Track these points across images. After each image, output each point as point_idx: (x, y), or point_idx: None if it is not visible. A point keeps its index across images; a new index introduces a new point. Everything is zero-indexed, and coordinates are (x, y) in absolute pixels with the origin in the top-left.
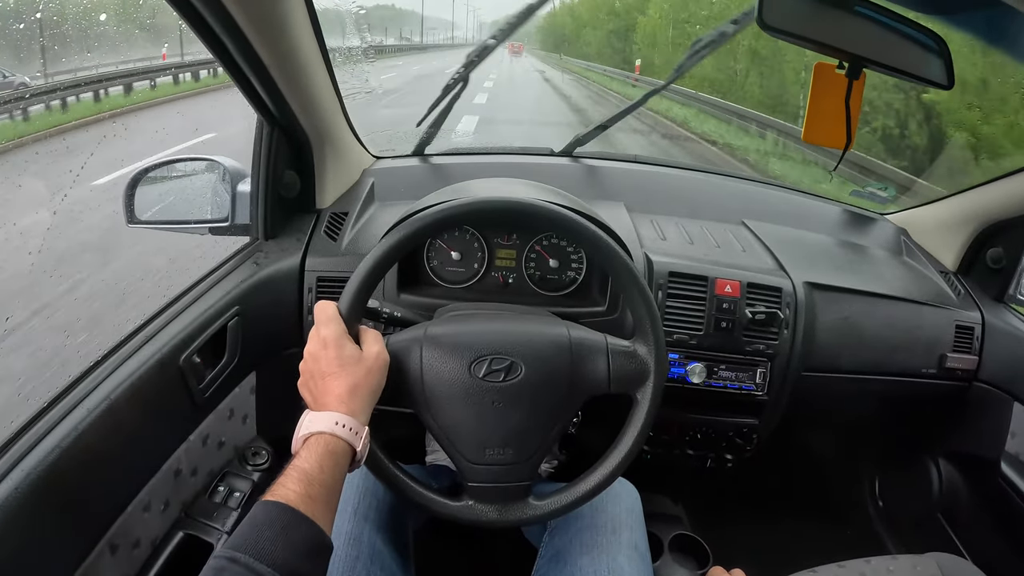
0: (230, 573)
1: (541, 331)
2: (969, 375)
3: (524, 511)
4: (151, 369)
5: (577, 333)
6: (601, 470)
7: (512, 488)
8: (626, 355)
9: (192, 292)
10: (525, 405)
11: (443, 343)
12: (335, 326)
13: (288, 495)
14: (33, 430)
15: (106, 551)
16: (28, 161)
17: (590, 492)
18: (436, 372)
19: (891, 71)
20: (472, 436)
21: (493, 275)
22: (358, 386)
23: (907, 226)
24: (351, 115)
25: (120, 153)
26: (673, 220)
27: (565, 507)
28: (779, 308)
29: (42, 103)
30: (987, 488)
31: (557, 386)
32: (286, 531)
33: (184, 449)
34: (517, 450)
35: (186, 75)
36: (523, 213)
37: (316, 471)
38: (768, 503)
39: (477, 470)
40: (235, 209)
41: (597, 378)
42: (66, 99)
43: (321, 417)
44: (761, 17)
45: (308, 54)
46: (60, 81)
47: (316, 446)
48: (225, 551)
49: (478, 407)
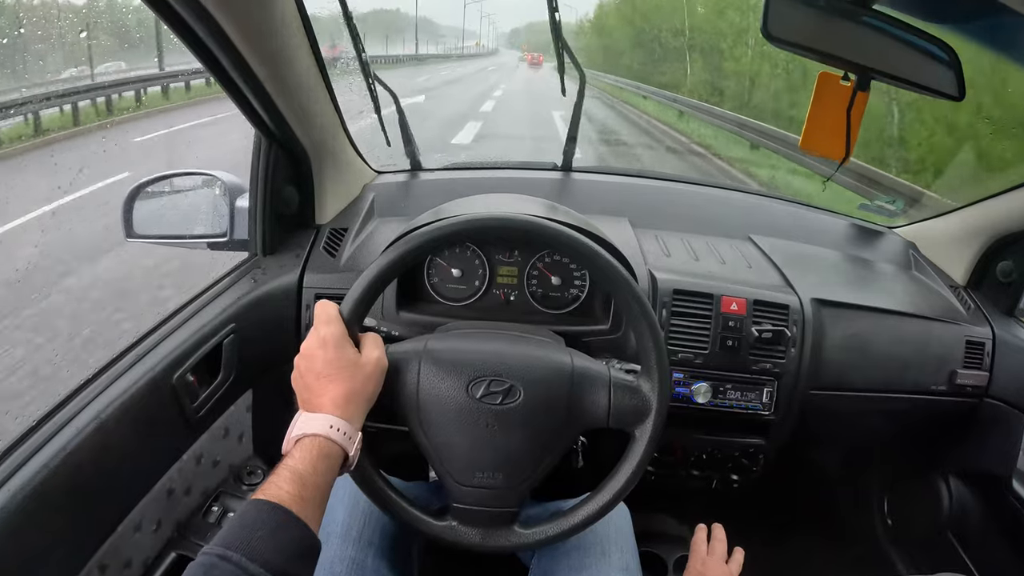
0: (221, 571)
1: (544, 356)
2: (980, 391)
3: (508, 538)
4: (143, 388)
5: (581, 362)
6: (591, 504)
7: (498, 513)
8: (629, 390)
9: (187, 309)
10: (520, 431)
11: (443, 359)
12: (336, 327)
13: (281, 495)
14: (20, 449)
15: (95, 571)
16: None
17: (579, 525)
18: (433, 388)
19: (901, 82)
20: (463, 457)
21: (494, 292)
22: (354, 392)
23: (916, 240)
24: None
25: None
26: (678, 235)
27: (549, 539)
28: (786, 326)
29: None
30: (998, 506)
31: (554, 414)
32: (278, 531)
33: (177, 468)
34: (507, 476)
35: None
36: (526, 231)
37: (309, 472)
38: (775, 522)
39: (464, 492)
40: (234, 225)
41: (597, 411)
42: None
43: (315, 419)
44: (766, 28)
45: (303, 68)
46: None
47: (310, 448)
48: (215, 548)
49: (472, 428)
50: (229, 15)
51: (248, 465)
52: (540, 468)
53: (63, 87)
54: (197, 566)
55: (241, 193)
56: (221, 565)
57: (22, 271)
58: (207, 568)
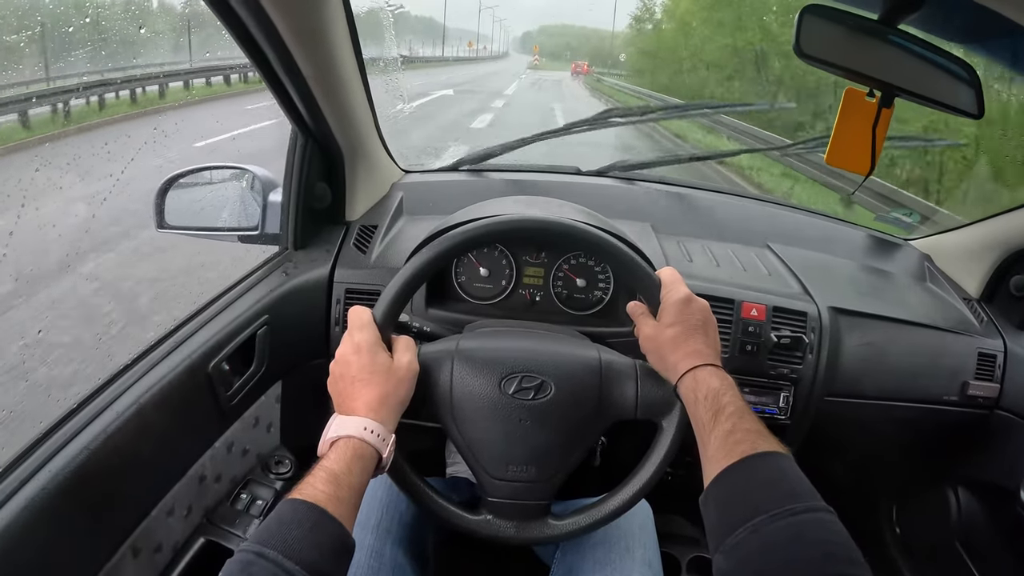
0: (258, 568)
1: (572, 352)
2: (991, 403)
3: (542, 530)
4: (180, 375)
5: (607, 356)
6: (622, 494)
7: (532, 506)
8: (655, 381)
9: (222, 300)
10: (552, 424)
11: (475, 358)
12: (369, 332)
13: (316, 495)
14: (62, 431)
15: (128, 554)
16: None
17: (609, 515)
18: (466, 386)
19: (923, 100)
20: (496, 452)
21: (520, 292)
22: (387, 395)
23: (931, 252)
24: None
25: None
26: (699, 242)
27: (583, 528)
28: (804, 332)
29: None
30: (1006, 518)
31: (585, 408)
32: (314, 530)
33: (209, 455)
34: (539, 469)
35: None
36: (560, 234)
37: (344, 473)
38: None
39: (498, 485)
40: (265, 218)
41: (625, 403)
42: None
43: (350, 422)
44: (799, 46)
45: (347, 68)
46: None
47: (345, 449)
48: (252, 546)
49: (505, 423)
50: (283, 14)
51: (276, 455)
52: (570, 460)
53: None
54: (235, 563)
55: (273, 188)
56: (258, 562)
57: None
58: (244, 565)
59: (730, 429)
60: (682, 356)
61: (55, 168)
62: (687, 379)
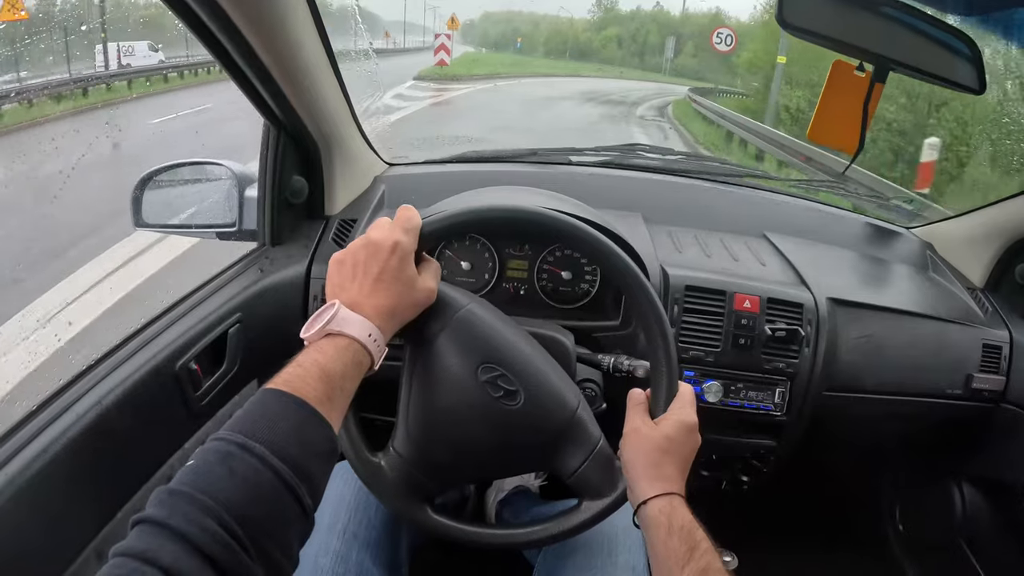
0: (239, 461)
1: (558, 384)
2: (996, 396)
3: (415, 514)
4: (145, 375)
5: (582, 415)
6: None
7: (414, 485)
8: (603, 468)
9: (193, 298)
10: (500, 432)
11: (476, 325)
12: (412, 238)
13: (308, 392)
14: (19, 434)
15: (92, 559)
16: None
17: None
18: (452, 343)
19: (920, 74)
20: (431, 419)
21: (504, 286)
22: (398, 309)
23: (933, 240)
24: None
25: None
26: (691, 232)
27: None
28: (800, 325)
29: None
30: (1011, 513)
31: (532, 440)
32: (302, 428)
33: (179, 457)
34: (457, 457)
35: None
36: (533, 223)
37: (339, 376)
38: (785, 526)
39: (410, 448)
40: (243, 214)
41: (564, 467)
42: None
43: (356, 321)
44: (781, 15)
45: (311, 55)
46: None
47: (346, 350)
48: (233, 435)
49: (459, 398)
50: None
51: None
52: (489, 472)
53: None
54: (211, 451)
55: (250, 183)
56: (240, 455)
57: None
58: (224, 456)
59: (705, 567)
60: (661, 475)
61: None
62: (661, 501)
